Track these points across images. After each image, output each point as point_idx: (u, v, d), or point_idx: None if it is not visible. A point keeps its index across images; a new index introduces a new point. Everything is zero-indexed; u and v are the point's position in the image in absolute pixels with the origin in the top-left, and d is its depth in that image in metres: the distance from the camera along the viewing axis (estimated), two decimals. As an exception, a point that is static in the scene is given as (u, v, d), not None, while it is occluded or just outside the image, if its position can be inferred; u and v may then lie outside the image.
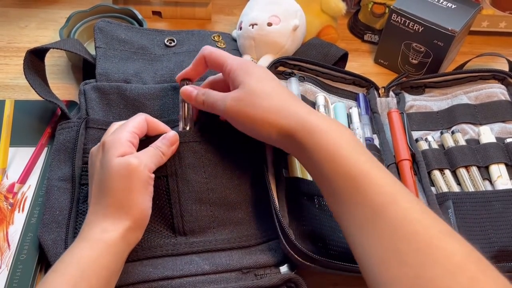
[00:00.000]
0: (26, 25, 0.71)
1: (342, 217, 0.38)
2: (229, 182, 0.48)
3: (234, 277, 0.44)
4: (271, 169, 0.48)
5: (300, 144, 0.40)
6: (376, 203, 0.35)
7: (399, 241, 0.33)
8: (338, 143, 0.39)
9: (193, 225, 0.46)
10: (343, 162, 0.38)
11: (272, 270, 0.45)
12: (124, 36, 0.60)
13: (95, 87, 0.54)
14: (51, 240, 0.44)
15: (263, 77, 0.45)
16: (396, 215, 0.34)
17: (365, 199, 0.36)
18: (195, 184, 0.47)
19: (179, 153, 0.47)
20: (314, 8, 0.68)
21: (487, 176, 0.53)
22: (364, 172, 0.37)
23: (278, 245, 0.46)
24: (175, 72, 0.58)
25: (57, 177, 0.48)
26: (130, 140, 0.43)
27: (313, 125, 0.40)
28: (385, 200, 0.35)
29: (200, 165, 0.48)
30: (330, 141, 0.39)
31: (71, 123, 0.52)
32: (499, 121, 0.58)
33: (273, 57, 0.62)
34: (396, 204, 0.35)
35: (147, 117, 0.46)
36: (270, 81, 0.45)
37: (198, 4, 0.73)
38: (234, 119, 0.45)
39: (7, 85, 0.62)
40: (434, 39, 0.62)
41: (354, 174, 0.37)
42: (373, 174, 0.37)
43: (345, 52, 0.64)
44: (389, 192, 0.36)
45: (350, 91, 0.62)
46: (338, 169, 0.38)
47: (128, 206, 0.41)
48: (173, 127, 0.50)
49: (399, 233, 0.33)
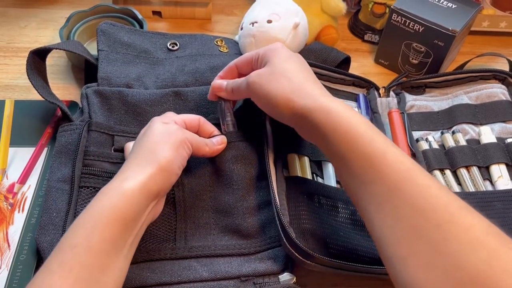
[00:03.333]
0: (26, 25, 0.71)
1: (359, 196, 0.38)
2: (231, 189, 0.48)
3: (232, 285, 0.44)
4: (272, 168, 0.48)
5: (315, 124, 0.41)
6: (393, 181, 0.35)
7: (418, 217, 0.33)
8: (354, 123, 0.39)
9: (195, 231, 0.47)
10: (359, 141, 0.38)
11: (271, 279, 0.44)
12: (126, 39, 0.60)
13: (97, 92, 0.54)
14: (47, 242, 0.44)
15: (287, 57, 0.46)
16: (413, 192, 0.34)
17: (381, 176, 0.36)
18: (199, 192, 0.48)
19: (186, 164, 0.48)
20: (315, 8, 0.68)
21: (488, 176, 0.53)
22: (380, 151, 0.37)
23: (278, 253, 0.46)
24: (177, 76, 0.58)
25: (56, 179, 0.48)
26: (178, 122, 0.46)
27: (329, 106, 0.40)
28: (401, 177, 0.35)
29: (205, 174, 0.49)
30: (347, 121, 0.39)
31: (73, 126, 0.52)
32: (499, 121, 0.57)
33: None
34: (412, 181, 0.35)
35: (200, 118, 0.49)
36: (294, 62, 0.46)
37: (198, 4, 0.73)
38: (254, 94, 0.46)
39: (7, 85, 0.62)
40: (434, 39, 0.62)
41: (370, 152, 0.37)
42: (389, 153, 0.37)
43: (346, 57, 0.63)
44: (405, 169, 0.36)
45: (350, 92, 0.61)
46: (354, 148, 0.38)
47: (155, 153, 0.41)
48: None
49: (417, 210, 0.33)
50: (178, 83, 0.57)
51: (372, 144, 0.37)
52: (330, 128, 0.39)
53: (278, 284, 0.44)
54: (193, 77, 0.58)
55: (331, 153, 0.40)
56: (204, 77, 0.58)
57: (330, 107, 0.40)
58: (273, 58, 0.46)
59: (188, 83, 0.58)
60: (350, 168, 0.38)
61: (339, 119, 0.39)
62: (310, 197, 0.47)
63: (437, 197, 0.34)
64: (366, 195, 0.37)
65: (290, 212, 0.46)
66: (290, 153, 0.50)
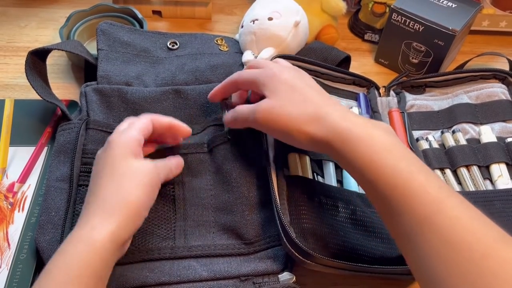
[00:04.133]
0: (26, 25, 0.71)
1: (389, 224, 0.37)
2: (231, 188, 0.48)
3: (232, 285, 0.44)
4: (273, 167, 0.48)
5: (336, 152, 0.39)
6: (421, 214, 0.34)
7: (450, 252, 0.32)
8: (374, 152, 0.37)
9: (194, 229, 0.47)
10: (382, 171, 0.36)
11: (270, 278, 0.44)
12: (126, 38, 0.60)
13: (96, 90, 0.54)
14: (46, 242, 0.44)
15: (290, 82, 0.44)
16: (443, 225, 0.33)
17: (409, 209, 0.34)
18: (200, 191, 0.49)
19: (187, 163, 0.49)
20: (315, 7, 0.68)
21: (488, 176, 0.53)
22: (405, 180, 0.35)
23: (278, 253, 0.46)
24: (177, 75, 0.58)
25: (55, 178, 0.48)
26: (139, 139, 0.43)
27: (346, 134, 0.38)
28: (430, 209, 0.34)
29: (206, 173, 0.50)
30: (366, 150, 0.37)
31: (71, 125, 0.52)
32: (499, 121, 0.57)
33: (274, 49, 0.62)
34: (442, 214, 0.33)
35: (152, 117, 0.46)
36: (298, 86, 0.44)
37: (198, 4, 0.73)
38: (265, 129, 0.45)
39: (7, 85, 0.62)
40: (434, 39, 0.62)
41: (395, 184, 0.35)
42: (415, 182, 0.35)
43: (346, 56, 0.63)
44: (433, 200, 0.34)
45: (351, 91, 0.61)
46: (378, 178, 0.36)
47: (124, 196, 0.39)
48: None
49: (450, 244, 0.32)
50: (178, 82, 0.57)
51: (395, 174, 0.36)
52: (351, 157, 0.38)
53: (277, 283, 0.44)
54: (193, 75, 0.58)
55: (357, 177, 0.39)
56: (204, 75, 0.58)
57: (348, 135, 0.38)
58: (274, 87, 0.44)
59: (188, 81, 0.58)
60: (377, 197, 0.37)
61: (358, 149, 0.38)
62: (310, 196, 0.47)
63: (469, 230, 0.32)
64: (396, 226, 0.36)
65: (290, 211, 0.46)
66: (290, 152, 0.50)
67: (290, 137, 0.43)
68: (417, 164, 0.37)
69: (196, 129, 0.53)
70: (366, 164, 0.37)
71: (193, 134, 0.53)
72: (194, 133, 0.53)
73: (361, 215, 0.47)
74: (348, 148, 0.38)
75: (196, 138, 0.53)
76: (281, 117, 0.42)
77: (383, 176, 0.36)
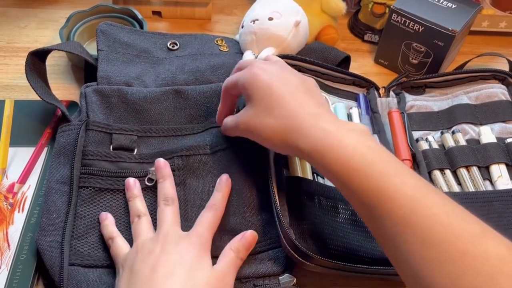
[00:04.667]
0: (26, 25, 0.71)
1: (371, 228, 0.37)
2: (232, 189, 0.48)
3: None
4: (273, 168, 0.48)
5: (313, 162, 0.40)
6: (399, 215, 0.34)
7: (430, 251, 0.32)
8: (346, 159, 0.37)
9: None
10: (356, 177, 0.36)
11: (271, 280, 0.44)
12: (126, 39, 0.60)
13: (96, 90, 0.54)
14: (47, 244, 0.44)
15: (268, 84, 0.43)
16: (420, 225, 0.33)
17: (386, 212, 0.34)
18: (201, 192, 0.49)
19: (189, 165, 0.50)
20: (315, 8, 0.68)
21: (488, 176, 0.53)
22: (379, 184, 0.35)
23: (278, 254, 0.45)
24: (177, 75, 0.58)
25: (55, 180, 0.48)
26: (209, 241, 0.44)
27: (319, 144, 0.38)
28: (406, 210, 0.34)
29: (207, 175, 0.50)
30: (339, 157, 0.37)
31: (71, 126, 0.52)
32: (499, 121, 0.57)
33: (274, 49, 0.62)
34: (418, 214, 0.33)
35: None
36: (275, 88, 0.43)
37: (198, 4, 0.73)
38: (251, 139, 0.45)
39: (7, 85, 0.62)
40: (434, 39, 0.62)
41: (371, 188, 0.35)
42: (390, 185, 0.35)
43: (346, 56, 0.63)
44: (409, 201, 0.34)
45: (350, 91, 0.61)
46: (353, 183, 0.36)
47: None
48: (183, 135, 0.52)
49: (429, 243, 0.32)
50: (178, 82, 0.57)
51: (369, 178, 0.36)
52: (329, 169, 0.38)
53: (278, 285, 0.44)
54: (193, 76, 0.58)
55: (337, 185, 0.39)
56: (205, 76, 0.58)
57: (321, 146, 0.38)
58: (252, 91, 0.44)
59: (188, 82, 0.58)
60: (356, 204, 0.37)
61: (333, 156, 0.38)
62: (310, 197, 0.47)
63: (447, 227, 0.32)
64: (378, 229, 0.36)
65: (290, 212, 0.46)
66: (290, 153, 0.50)
67: (274, 147, 0.44)
68: (393, 166, 0.37)
69: (197, 129, 0.54)
70: (340, 171, 0.37)
71: (193, 134, 0.53)
72: (194, 132, 0.53)
73: (361, 216, 0.47)
74: (322, 157, 0.38)
75: (197, 138, 0.53)
76: (258, 128, 0.43)
77: (358, 181, 0.36)
